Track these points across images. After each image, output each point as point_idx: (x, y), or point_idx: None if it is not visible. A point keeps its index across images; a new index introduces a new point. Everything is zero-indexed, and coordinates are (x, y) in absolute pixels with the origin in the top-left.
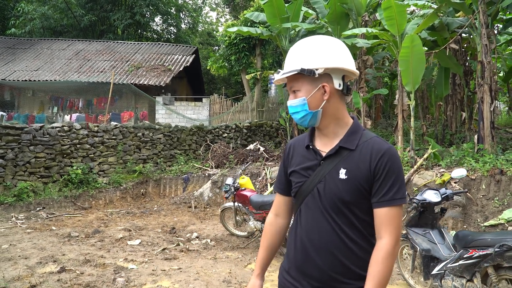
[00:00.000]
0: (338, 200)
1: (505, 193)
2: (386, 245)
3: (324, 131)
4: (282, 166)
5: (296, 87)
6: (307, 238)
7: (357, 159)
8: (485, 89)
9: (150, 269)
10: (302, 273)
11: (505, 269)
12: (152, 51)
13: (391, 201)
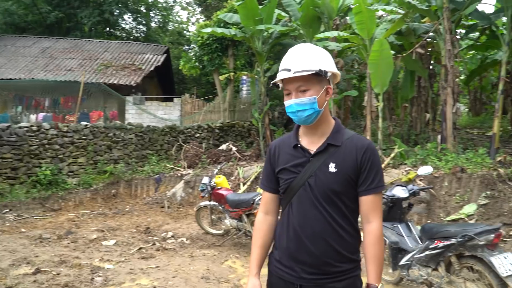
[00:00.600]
0: (329, 191)
1: (465, 189)
2: (376, 228)
3: (315, 130)
4: (269, 166)
5: (306, 87)
6: (300, 228)
7: (343, 154)
8: (448, 92)
9: (127, 268)
10: (295, 260)
11: (467, 258)
12: (122, 50)
13: (376, 188)
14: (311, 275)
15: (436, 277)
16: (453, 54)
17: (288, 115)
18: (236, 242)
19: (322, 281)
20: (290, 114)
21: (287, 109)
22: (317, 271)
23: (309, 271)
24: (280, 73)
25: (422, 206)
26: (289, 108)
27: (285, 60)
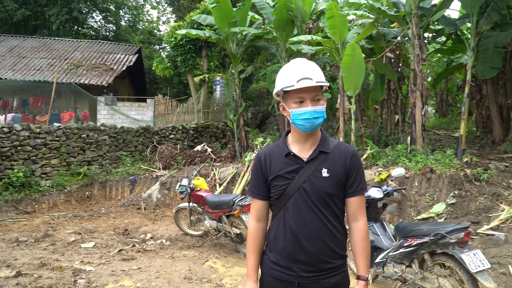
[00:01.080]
0: (324, 194)
1: (434, 189)
2: (363, 225)
3: (309, 138)
4: (260, 174)
5: (319, 97)
6: (297, 229)
7: (333, 160)
8: (417, 95)
9: (109, 270)
10: (293, 260)
11: (439, 255)
12: (92, 49)
13: (361, 190)
14: (309, 273)
15: (410, 273)
16: (421, 59)
17: (296, 121)
18: (216, 243)
19: (318, 277)
20: (301, 120)
21: (299, 116)
22: (314, 269)
23: (307, 270)
24: (302, 82)
25: (394, 205)
26: (304, 115)
27: (298, 69)
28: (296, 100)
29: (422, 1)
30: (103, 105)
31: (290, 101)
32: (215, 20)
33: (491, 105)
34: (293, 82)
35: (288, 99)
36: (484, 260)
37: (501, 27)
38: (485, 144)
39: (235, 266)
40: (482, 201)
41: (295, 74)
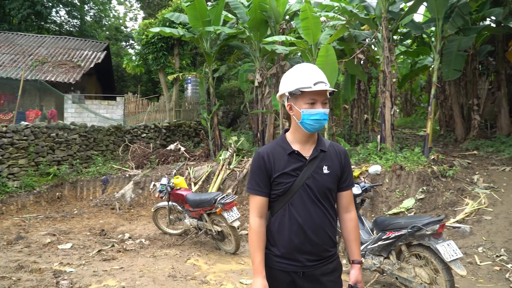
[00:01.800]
0: (325, 189)
1: (404, 185)
2: (355, 215)
3: (310, 138)
4: (264, 172)
5: (327, 100)
6: (304, 222)
7: (330, 157)
8: (387, 95)
9: (90, 271)
10: (299, 252)
11: (415, 246)
12: (58, 45)
13: (352, 185)
14: (313, 262)
15: (388, 264)
16: (390, 60)
17: (306, 121)
18: (196, 241)
19: (321, 265)
20: (311, 120)
21: (310, 116)
22: (317, 258)
23: (311, 259)
24: (318, 85)
25: (366, 201)
26: (316, 115)
27: (311, 73)
28: (308, 101)
29: (391, 5)
30: (71, 103)
31: (301, 102)
32: (189, 18)
33: (454, 105)
34: (309, 84)
35: (300, 100)
36: (457, 249)
37: (464, 32)
38: (448, 142)
39: (217, 263)
40: (448, 196)
41: (311, 77)
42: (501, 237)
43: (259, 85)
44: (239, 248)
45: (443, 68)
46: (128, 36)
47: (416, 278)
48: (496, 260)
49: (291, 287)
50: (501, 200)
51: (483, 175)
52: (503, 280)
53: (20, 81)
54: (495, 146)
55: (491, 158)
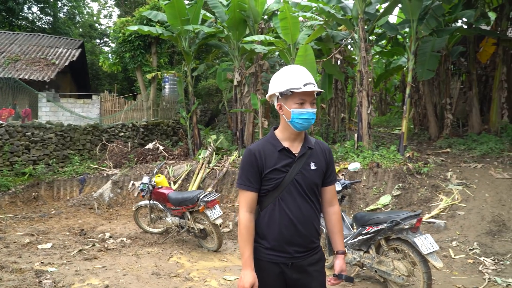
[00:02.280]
0: (313, 184)
1: (381, 182)
2: (338, 209)
3: (298, 136)
4: (256, 168)
5: (315, 101)
6: (294, 216)
7: (316, 154)
8: (364, 94)
9: (73, 270)
10: (289, 244)
11: (393, 240)
12: (31, 43)
13: (335, 180)
14: (301, 253)
15: (368, 258)
16: (367, 61)
17: (296, 120)
18: (178, 239)
19: (307, 256)
20: (301, 120)
21: (300, 115)
22: (305, 249)
23: (300, 250)
24: (308, 86)
25: (345, 198)
26: (305, 115)
27: (300, 74)
28: (298, 101)
29: (367, 6)
30: (45, 102)
31: (291, 102)
32: (167, 17)
33: (427, 104)
34: (299, 85)
35: (290, 100)
36: (434, 243)
37: (437, 33)
38: (422, 140)
39: (200, 261)
40: (423, 192)
41: (301, 78)
42: (473, 231)
43: (238, 84)
44: (222, 245)
45: (418, 68)
46: (103, 34)
47: (395, 271)
48: (470, 253)
49: (280, 277)
50: (473, 196)
51: (456, 172)
52: (477, 272)
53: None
54: (467, 144)
55: (463, 156)
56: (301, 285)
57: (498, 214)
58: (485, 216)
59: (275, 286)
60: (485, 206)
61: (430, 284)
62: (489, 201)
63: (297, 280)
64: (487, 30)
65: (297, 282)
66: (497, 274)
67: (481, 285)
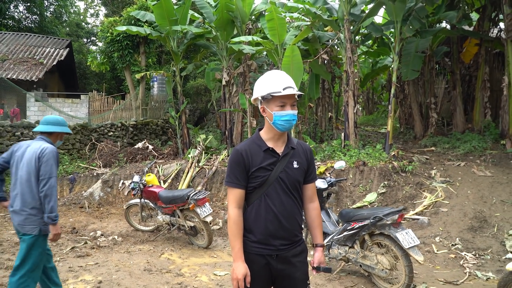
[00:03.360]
0: (296, 182)
1: (367, 180)
2: (318, 205)
3: (281, 137)
4: (243, 167)
5: (295, 103)
6: (278, 211)
7: (298, 154)
8: (350, 94)
9: (66, 267)
10: (274, 237)
11: (377, 235)
12: (18, 42)
13: (315, 178)
14: (285, 246)
15: (353, 253)
16: (353, 61)
17: (278, 122)
18: (169, 236)
19: (291, 248)
20: (282, 121)
21: (281, 117)
22: (288, 242)
23: (284, 243)
24: (287, 90)
25: (332, 196)
26: (286, 116)
27: (281, 79)
28: (279, 104)
29: (352, 8)
30: (33, 101)
31: (273, 105)
32: (155, 17)
33: (413, 104)
34: (279, 89)
35: (272, 103)
36: (415, 237)
37: (421, 34)
38: (407, 139)
39: (191, 257)
40: (408, 190)
41: (280, 82)
42: (456, 228)
43: (226, 83)
44: (212, 242)
45: (402, 69)
46: (90, 33)
47: (378, 265)
48: (452, 249)
49: (266, 268)
50: (456, 193)
51: (440, 170)
52: (458, 267)
53: None
54: (451, 142)
55: (447, 154)
56: (285, 275)
57: (480, 210)
58: (467, 213)
59: (262, 276)
60: (468, 203)
61: (411, 277)
62: (471, 198)
63: (282, 270)
64: (470, 31)
65: (282, 272)
66: (477, 268)
67: (461, 279)
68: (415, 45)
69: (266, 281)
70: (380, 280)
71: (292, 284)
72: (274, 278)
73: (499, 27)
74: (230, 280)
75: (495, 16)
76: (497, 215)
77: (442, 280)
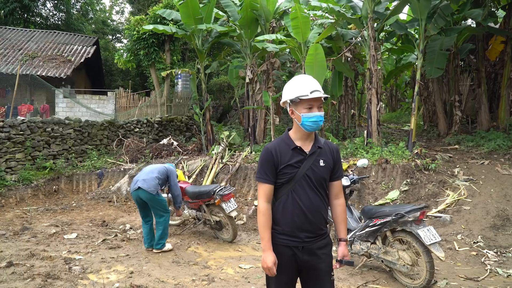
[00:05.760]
0: (322, 179)
1: (389, 178)
2: (343, 202)
3: (309, 136)
4: (272, 164)
5: (321, 105)
6: (305, 206)
7: (325, 153)
8: (373, 92)
9: (99, 258)
10: (300, 230)
11: (398, 232)
12: (47, 40)
13: (341, 176)
14: (310, 238)
15: (374, 249)
16: (376, 59)
17: (305, 123)
18: (195, 230)
19: (316, 240)
20: (310, 122)
21: (309, 119)
22: (314, 235)
23: (310, 236)
24: (314, 93)
25: (354, 193)
26: (313, 118)
27: (307, 83)
28: (307, 106)
29: (376, 6)
30: (62, 98)
31: (301, 107)
32: (181, 16)
33: (437, 101)
34: (307, 93)
35: (300, 105)
36: (436, 234)
37: (445, 32)
38: (431, 136)
39: (216, 251)
40: (430, 188)
41: (308, 86)
42: (478, 226)
43: (250, 81)
44: (236, 236)
45: (426, 66)
46: (115, 30)
47: (400, 261)
48: (473, 246)
49: (292, 259)
50: (479, 192)
51: (463, 168)
52: (479, 264)
53: (12, 76)
54: (475, 140)
55: (471, 152)
56: (310, 266)
57: (503, 209)
58: (490, 211)
59: (289, 266)
60: (490, 202)
61: (432, 272)
62: (494, 196)
63: (307, 262)
64: (495, 28)
65: (307, 263)
66: (498, 265)
67: (482, 276)
68: (440, 43)
69: (292, 271)
70: (401, 276)
71: (316, 275)
72: (300, 269)
73: None
74: (255, 273)
75: None
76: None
77: (463, 277)
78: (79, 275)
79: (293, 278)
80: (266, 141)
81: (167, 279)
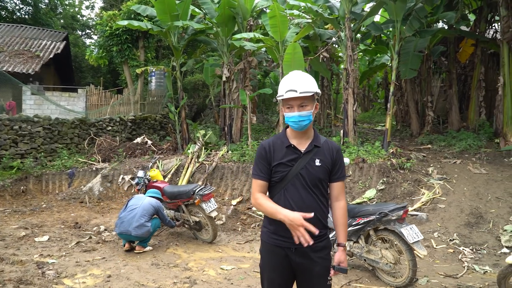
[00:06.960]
0: (316, 179)
1: (366, 177)
2: (344, 204)
3: (304, 134)
4: (265, 161)
5: (305, 103)
6: (296, 206)
7: (323, 152)
8: (350, 92)
9: (73, 261)
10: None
11: (381, 231)
12: (14, 34)
13: (343, 177)
14: None
15: (357, 248)
16: (353, 59)
17: (288, 122)
18: (173, 231)
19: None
20: (291, 122)
21: (289, 119)
22: None
23: None
24: (288, 93)
25: None
26: (292, 118)
27: (289, 82)
28: (287, 106)
29: (353, 6)
30: (29, 95)
31: (283, 107)
32: (157, 12)
33: (410, 102)
34: (282, 93)
35: (283, 105)
36: (418, 232)
37: (420, 34)
38: (404, 136)
39: (196, 252)
40: (406, 186)
41: (285, 86)
42: (453, 223)
43: (226, 79)
44: (216, 237)
45: (401, 67)
46: (85, 26)
47: (383, 259)
48: (450, 244)
49: (285, 260)
50: (453, 190)
51: (437, 167)
52: (456, 261)
53: None
54: (447, 140)
55: (443, 152)
56: (304, 269)
57: (476, 207)
58: (464, 209)
59: (282, 267)
60: (464, 200)
61: (415, 270)
62: (467, 195)
63: (300, 264)
64: (466, 31)
65: (300, 265)
66: (475, 262)
67: (460, 272)
68: (414, 45)
69: (286, 272)
70: (384, 274)
71: (310, 278)
72: (294, 270)
73: (495, 28)
74: (237, 274)
75: (491, 17)
76: (492, 211)
77: (442, 274)
78: (54, 280)
79: (287, 279)
80: (243, 140)
81: (147, 283)
